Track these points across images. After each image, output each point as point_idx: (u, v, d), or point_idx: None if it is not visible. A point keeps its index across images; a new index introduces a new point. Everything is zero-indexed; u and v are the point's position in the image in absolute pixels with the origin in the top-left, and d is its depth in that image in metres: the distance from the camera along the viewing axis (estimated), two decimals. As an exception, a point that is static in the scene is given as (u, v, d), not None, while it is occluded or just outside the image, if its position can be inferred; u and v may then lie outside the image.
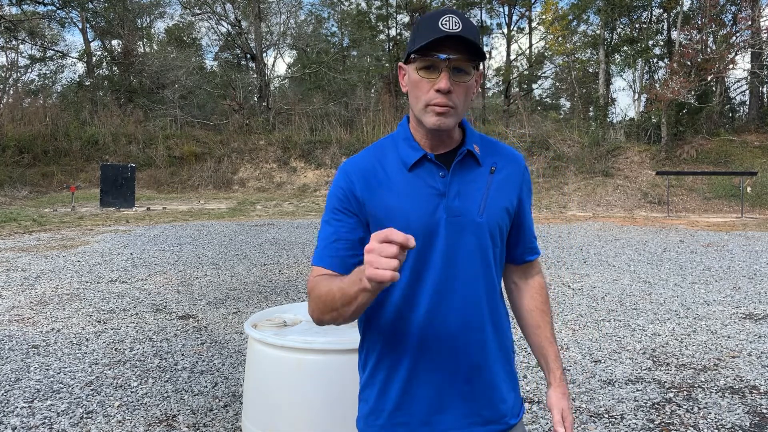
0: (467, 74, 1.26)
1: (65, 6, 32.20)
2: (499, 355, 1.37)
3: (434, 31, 1.22)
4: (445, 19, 1.23)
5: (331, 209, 1.34)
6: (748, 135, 23.43)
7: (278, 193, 23.56)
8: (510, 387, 1.40)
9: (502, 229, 1.37)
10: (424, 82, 1.26)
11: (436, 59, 1.24)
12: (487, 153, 1.38)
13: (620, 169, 21.98)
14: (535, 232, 1.53)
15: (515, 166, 1.41)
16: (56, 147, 24.07)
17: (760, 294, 6.87)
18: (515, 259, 1.49)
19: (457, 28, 1.22)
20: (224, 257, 9.49)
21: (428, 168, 1.32)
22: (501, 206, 1.35)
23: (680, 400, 3.71)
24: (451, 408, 1.32)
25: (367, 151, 1.39)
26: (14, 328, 5.36)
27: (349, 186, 1.32)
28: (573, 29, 30.26)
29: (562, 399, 1.45)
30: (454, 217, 1.30)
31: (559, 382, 1.46)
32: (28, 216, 15.68)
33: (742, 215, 17.48)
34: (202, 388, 3.90)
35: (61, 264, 8.75)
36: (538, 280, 1.52)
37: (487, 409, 1.34)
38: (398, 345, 1.32)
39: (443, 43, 1.22)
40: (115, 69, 35.00)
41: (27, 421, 3.38)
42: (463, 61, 1.24)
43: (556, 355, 1.47)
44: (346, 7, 37.39)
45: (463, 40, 1.22)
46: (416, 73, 1.27)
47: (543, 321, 1.48)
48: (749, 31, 23.24)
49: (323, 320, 1.27)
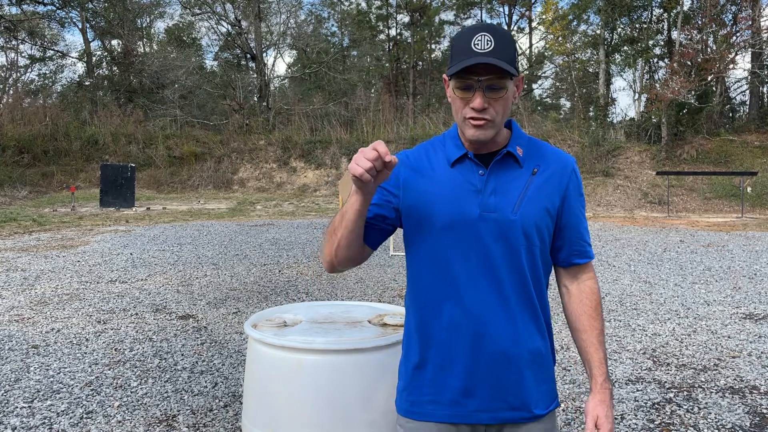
0: (502, 89, 1.34)
1: (65, 6, 32.22)
2: (529, 347, 1.41)
3: (467, 54, 1.31)
4: (478, 39, 1.31)
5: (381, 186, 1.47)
6: (748, 135, 23.42)
7: (278, 193, 23.56)
8: (541, 379, 1.44)
9: (540, 229, 1.42)
10: (461, 100, 1.37)
11: (470, 80, 1.34)
12: (531, 155, 1.45)
13: (620, 169, 21.99)
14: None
15: (561, 168, 1.46)
16: (56, 147, 24.08)
17: (760, 294, 6.87)
18: (561, 261, 1.52)
19: (489, 47, 1.30)
20: (224, 257, 9.49)
21: (468, 165, 1.42)
22: (540, 206, 1.41)
23: (680, 400, 3.71)
24: (479, 392, 1.40)
25: (420, 145, 1.53)
26: (14, 328, 5.36)
27: (397, 170, 1.46)
28: (573, 29, 30.29)
29: (599, 406, 1.45)
30: (488, 212, 1.38)
31: (600, 388, 1.46)
32: (28, 216, 15.68)
33: (743, 215, 17.48)
34: (202, 388, 3.90)
35: (61, 264, 8.75)
36: (589, 284, 1.53)
37: (513, 397, 1.40)
38: (432, 330, 1.42)
39: (476, 65, 1.31)
40: (115, 69, 35.00)
41: (27, 421, 3.38)
42: (496, 79, 1.33)
43: (600, 361, 1.48)
44: (346, 7, 37.42)
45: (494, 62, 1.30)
46: (453, 92, 1.38)
47: (590, 326, 1.49)
48: (749, 31, 23.25)
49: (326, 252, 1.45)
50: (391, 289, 7.11)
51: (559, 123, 28.06)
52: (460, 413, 1.40)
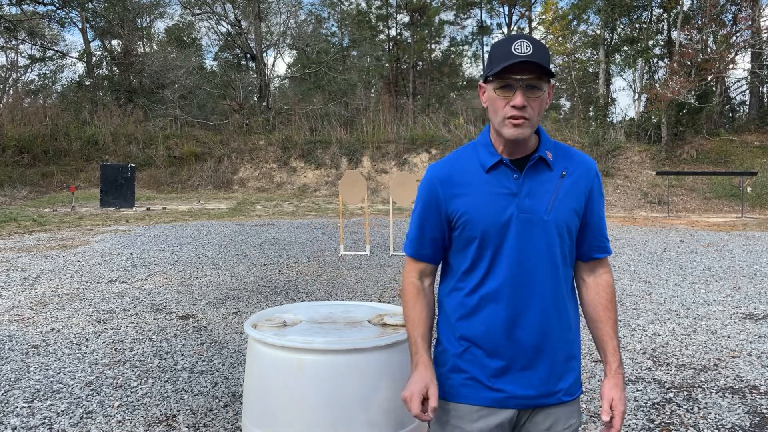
0: (539, 90, 1.46)
1: (65, 6, 32.22)
2: (560, 341, 1.55)
3: (508, 56, 1.43)
4: (518, 44, 1.43)
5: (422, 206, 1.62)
6: (748, 135, 23.42)
7: (278, 193, 23.56)
8: (569, 369, 1.58)
9: (570, 228, 1.55)
10: (501, 99, 1.47)
11: (510, 80, 1.44)
12: (559, 158, 1.57)
13: (620, 169, 21.98)
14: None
15: (586, 171, 1.59)
16: (56, 147, 24.07)
17: (760, 294, 6.87)
18: (582, 256, 1.64)
19: (528, 51, 1.42)
20: (224, 257, 9.49)
21: (503, 171, 1.53)
22: (570, 207, 1.54)
23: (680, 400, 3.71)
24: (513, 378, 1.54)
25: (448, 158, 1.63)
26: (14, 328, 5.36)
27: (434, 190, 1.59)
28: (573, 29, 30.27)
29: (614, 389, 1.56)
30: (524, 214, 1.50)
31: (614, 373, 1.58)
32: (28, 216, 15.68)
33: (742, 215, 17.48)
34: (202, 388, 3.90)
35: (61, 264, 8.75)
36: (605, 278, 1.65)
37: (543, 385, 1.54)
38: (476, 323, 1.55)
39: (517, 66, 1.43)
40: (115, 69, 34.99)
41: (27, 421, 3.38)
42: (535, 79, 1.44)
43: (614, 349, 1.60)
44: (346, 7, 37.41)
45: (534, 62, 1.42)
46: (494, 92, 1.48)
47: (606, 316, 1.61)
48: (749, 31, 23.24)
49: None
50: (391, 289, 7.11)
51: (559, 123, 28.04)
52: (498, 398, 1.53)
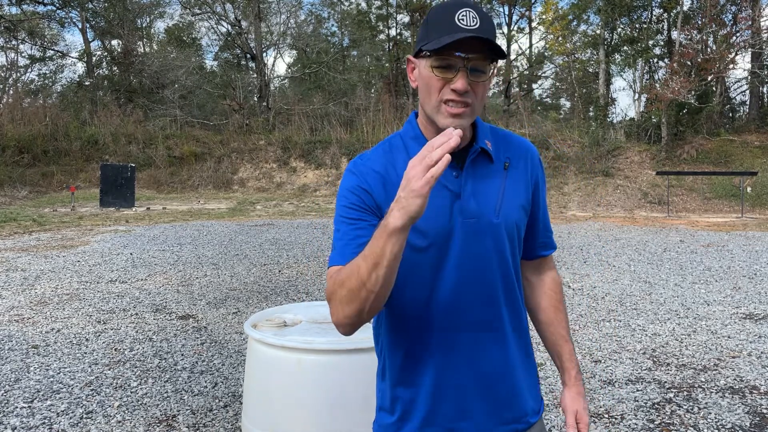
0: (484, 73, 1.19)
1: (65, 6, 32.21)
2: (520, 356, 1.33)
3: (450, 28, 1.15)
4: (462, 14, 1.15)
5: (349, 207, 1.23)
6: (748, 135, 23.42)
7: (278, 193, 23.55)
8: (530, 385, 1.36)
9: (519, 228, 1.32)
10: (439, 80, 1.18)
11: (452, 58, 1.16)
12: (499, 147, 1.32)
13: (620, 169, 21.98)
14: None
15: (527, 158, 1.35)
16: (56, 147, 24.06)
17: (760, 294, 6.87)
18: (527, 254, 1.43)
19: (474, 24, 1.15)
20: (224, 257, 9.48)
21: None
22: (517, 204, 1.30)
23: (680, 400, 3.71)
24: (475, 412, 1.28)
25: (376, 151, 1.31)
26: (14, 328, 5.36)
27: (366, 187, 1.24)
28: (573, 29, 30.27)
29: (577, 399, 1.41)
30: (470, 219, 1.24)
31: (575, 381, 1.42)
32: (28, 216, 15.68)
33: (742, 215, 17.48)
34: (201, 388, 3.90)
35: (61, 264, 8.75)
36: (551, 275, 1.47)
37: (508, 411, 1.30)
38: (421, 352, 1.27)
39: (462, 42, 1.14)
40: (115, 69, 34.99)
41: (27, 421, 3.38)
42: (481, 60, 1.17)
43: (570, 353, 1.43)
44: (346, 7, 37.40)
45: (482, 39, 1.15)
46: (430, 70, 1.19)
47: (557, 318, 1.44)
48: (749, 31, 23.23)
49: (351, 313, 1.13)
50: (391, 289, 7.10)
51: (559, 123, 28.05)
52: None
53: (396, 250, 1.06)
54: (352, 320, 1.15)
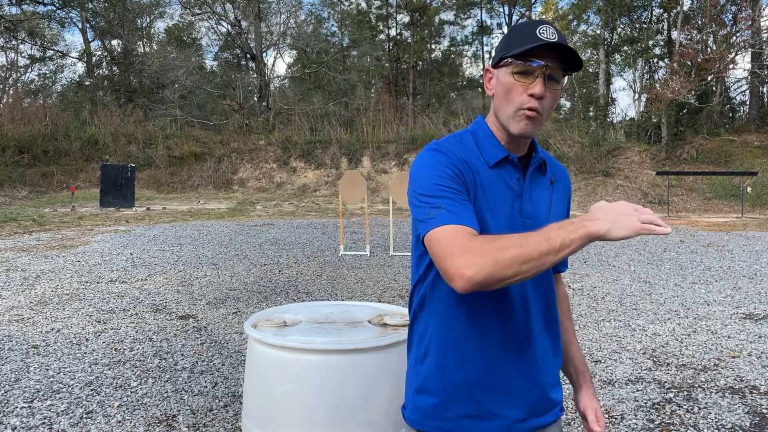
0: (558, 82, 1.29)
1: (65, 6, 32.23)
2: (553, 355, 1.43)
3: (532, 39, 1.25)
4: (542, 29, 1.26)
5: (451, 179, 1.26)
6: (749, 135, 23.42)
7: (278, 193, 23.56)
8: (557, 382, 1.46)
9: None
10: (518, 86, 1.28)
11: (532, 65, 1.26)
12: (548, 164, 1.44)
13: (620, 169, 21.98)
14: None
15: (565, 180, 1.50)
16: (56, 147, 24.07)
17: (760, 294, 6.87)
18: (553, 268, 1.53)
19: (554, 38, 1.26)
20: (224, 257, 9.48)
21: (508, 169, 1.35)
22: (560, 214, 1.43)
23: (680, 400, 3.71)
24: (521, 400, 1.35)
25: (450, 140, 1.37)
26: (14, 328, 5.36)
27: (461, 166, 1.29)
28: (573, 29, 30.28)
29: (594, 398, 1.52)
30: (527, 219, 1.35)
31: (590, 383, 1.54)
32: (27, 216, 15.68)
33: (742, 215, 17.48)
34: (202, 388, 3.90)
35: (61, 264, 8.75)
36: (562, 288, 1.61)
37: (545, 403, 1.40)
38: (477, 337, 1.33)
39: (540, 51, 1.25)
40: (115, 69, 35.01)
41: (27, 421, 3.38)
42: (558, 69, 1.27)
43: (583, 358, 1.56)
44: (346, 7, 37.42)
45: (561, 48, 1.25)
46: (510, 77, 1.28)
47: (568, 326, 1.57)
48: (749, 31, 23.24)
49: (502, 276, 1.14)
50: (391, 289, 7.11)
51: (559, 123, 28.04)
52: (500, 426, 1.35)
53: (576, 249, 1.15)
54: (492, 281, 1.14)
